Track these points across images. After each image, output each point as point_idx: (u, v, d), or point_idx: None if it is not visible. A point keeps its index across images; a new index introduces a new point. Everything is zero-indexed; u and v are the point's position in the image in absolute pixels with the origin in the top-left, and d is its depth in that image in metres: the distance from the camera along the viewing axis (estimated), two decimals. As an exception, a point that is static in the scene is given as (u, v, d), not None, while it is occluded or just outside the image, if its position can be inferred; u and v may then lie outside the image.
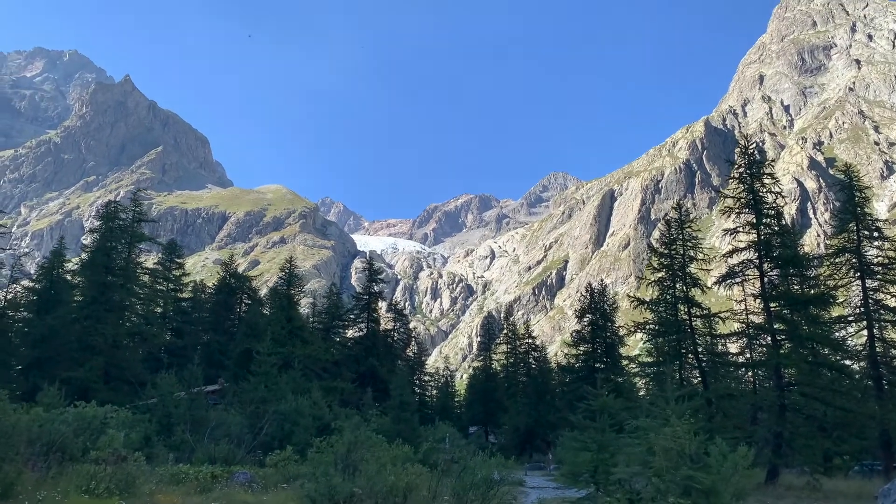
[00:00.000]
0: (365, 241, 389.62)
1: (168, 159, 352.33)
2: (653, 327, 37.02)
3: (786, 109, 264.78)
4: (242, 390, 33.57)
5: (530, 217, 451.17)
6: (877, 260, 35.09)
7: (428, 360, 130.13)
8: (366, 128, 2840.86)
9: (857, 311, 34.39)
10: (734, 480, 12.60)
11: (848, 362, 34.38)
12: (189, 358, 44.85)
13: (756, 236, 31.25)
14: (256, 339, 41.69)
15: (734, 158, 33.98)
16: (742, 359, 35.61)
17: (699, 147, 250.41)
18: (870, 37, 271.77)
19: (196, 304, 60.68)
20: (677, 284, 35.88)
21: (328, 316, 63.78)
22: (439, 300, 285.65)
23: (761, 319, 31.70)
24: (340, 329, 64.06)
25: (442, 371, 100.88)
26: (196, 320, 58.62)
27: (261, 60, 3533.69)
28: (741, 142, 34.23)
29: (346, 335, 64.60)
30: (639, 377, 45.94)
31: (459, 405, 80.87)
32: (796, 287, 33.47)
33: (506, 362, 74.97)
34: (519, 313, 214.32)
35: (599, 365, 53.26)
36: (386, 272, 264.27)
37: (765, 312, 30.91)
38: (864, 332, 34.26)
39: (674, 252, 36.45)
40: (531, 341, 74.86)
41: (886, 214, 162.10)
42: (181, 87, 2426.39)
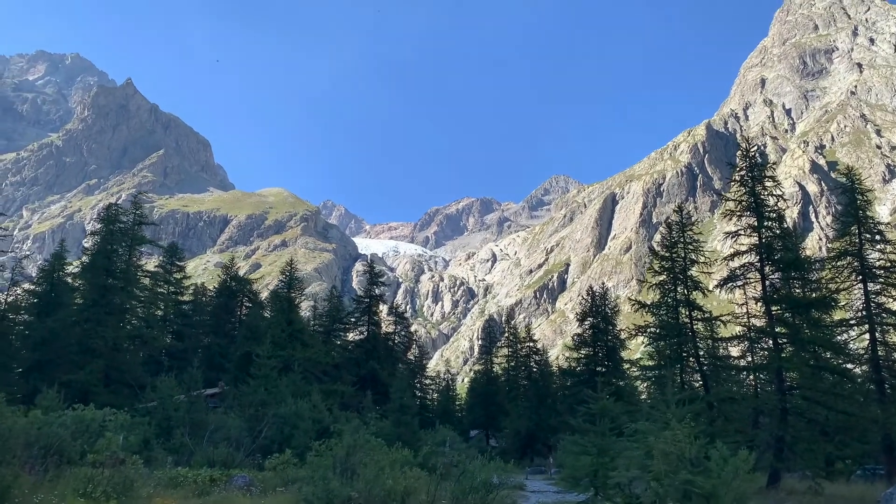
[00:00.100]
0: (366, 245, 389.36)
1: (169, 162, 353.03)
2: (654, 331, 36.88)
3: (787, 113, 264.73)
4: (242, 393, 33.54)
5: (532, 220, 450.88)
6: (879, 263, 34.98)
7: (429, 364, 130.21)
8: (367, 131, 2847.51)
9: (859, 315, 34.32)
10: (735, 485, 12.49)
11: (850, 366, 34.27)
12: (189, 361, 44.90)
13: (757, 239, 31.13)
14: (257, 343, 41.71)
15: (735, 162, 33.91)
16: (743, 362, 35.50)
17: (701, 150, 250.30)
18: (871, 40, 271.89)
19: (197, 307, 60.68)
20: (678, 288, 35.75)
21: (329, 319, 63.58)
22: (440, 303, 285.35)
23: (763, 323, 31.56)
24: (341, 332, 63.89)
25: (443, 374, 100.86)
26: (197, 323, 58.57)
27: (262, 63, 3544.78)
28: (743, 145, 34.15)
29: (347, 338, 64.46)
30: (640, 381, 45.78)
31: (460, 409, 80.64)
32: (798, 290, 33.34)
33: (507, 366, 74.73)
34: (520, 317, 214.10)
35: (601, 368, 53.18)
36: (387, 275, 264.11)
37: (766, 316, 30.77)
38: (867, 336, 34.17)
39: (675, 255, 36.34)
40: (532, 345, 74.62)
41: (888, 218, 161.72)
42: (183, 91, 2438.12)
